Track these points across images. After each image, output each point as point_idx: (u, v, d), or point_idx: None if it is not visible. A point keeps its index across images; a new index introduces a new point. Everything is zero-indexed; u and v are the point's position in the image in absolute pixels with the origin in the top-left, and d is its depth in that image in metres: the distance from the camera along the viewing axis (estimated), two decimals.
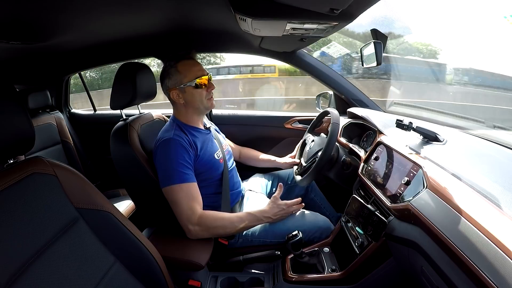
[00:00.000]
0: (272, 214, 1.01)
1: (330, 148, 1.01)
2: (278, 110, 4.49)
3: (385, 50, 1.11)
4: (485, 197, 0.56)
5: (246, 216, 0.99)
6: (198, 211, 0.93)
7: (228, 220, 0.96)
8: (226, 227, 0.95)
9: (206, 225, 0.92)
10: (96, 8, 0.85)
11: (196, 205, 0.93)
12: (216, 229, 0.95)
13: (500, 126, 1.06)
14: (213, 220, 0.94)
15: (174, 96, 1.02)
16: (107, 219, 0.67)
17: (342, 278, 0.90)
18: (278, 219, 1.03)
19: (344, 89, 1.46)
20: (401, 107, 1.79)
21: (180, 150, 0.95)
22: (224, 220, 0.96)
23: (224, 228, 0.95)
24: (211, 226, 0.93)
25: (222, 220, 0.95)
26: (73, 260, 0.59)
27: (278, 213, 1.02)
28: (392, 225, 0.73)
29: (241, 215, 0.99)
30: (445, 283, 0.54)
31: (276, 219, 1.02)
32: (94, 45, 1.39)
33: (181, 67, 1.00)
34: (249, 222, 0.98)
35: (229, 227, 0.95)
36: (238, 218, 0.97)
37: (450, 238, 0.53)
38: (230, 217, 0.97)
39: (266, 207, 1.03)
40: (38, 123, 1.59)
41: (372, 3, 0.72)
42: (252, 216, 0.99)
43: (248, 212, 1.01)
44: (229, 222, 0.96)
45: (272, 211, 1.01)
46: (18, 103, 0.57)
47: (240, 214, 1.00)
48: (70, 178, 0.64)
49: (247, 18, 0.79)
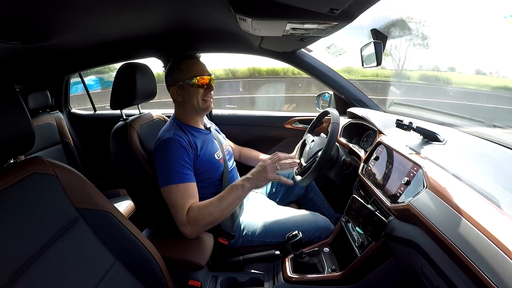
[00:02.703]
0: (250, 173, 0.95)
1: (330, 148, 1.01)
2: (278, 110, 4.49)
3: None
4: (485, 197, 0.56)
5: (224, 191, 0.94)
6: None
7: (210, 204, 0.91)
8: (211, 211, 0.90)
9: (194, 219, 0.89)
10: (96, 8, 0.85)
11: (189, 204, 0.91)
12: (204, 218, 0.90)
13: (500, 126, 1.06)
14: (198, 211, 0.90)
15: (173, 93, 1.04)
16: (107, 219, 0.67)
17: (342, 278, 0.90)
18: (258, 180, 0.93)
19: (344, 89, 1.46)
20: (401, 107, 1.79)
21: (179, 150, 0.95)
22: (207, 206, 0.91)
23: (210, 213, 0.90)
24: (199, 217, 0.89)
25: (205, 206, 0.91)
26: (73, 260, 0.59)
27: (255, 170, 0.95)
28: (392, 225, 0.73)
29: (221, 193, 0.94)
30: (445, 283, 0.54)
31: (257, 181, 0.93)
32: (94, 45, 1.39)
33: (183, 66, 1.02)
34: (228, 194, 0.92)
35: (214, 210, 0.90)
36: (218, 197, 0.93)
37: (450, 238, 0.53)
38: (211, 200, 0.93)
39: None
40: (38, 123, 1.60)
41: (372, 3, 0.72)
42: (229, 187, 0.94)
43: (227, 187, 0.96)
44: (211, 205, 0.91)
45: (251, 171, 0.96)
46: (18, 103, 0.57)
47: (220, 193, 0.94)
48: (70, 178, 0.65)
49: (247, 18, 0.80)
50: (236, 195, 0.93)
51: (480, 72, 2.64)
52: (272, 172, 0.93)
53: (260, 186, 0.94)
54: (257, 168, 0.96)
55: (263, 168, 0.94)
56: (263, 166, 0.95)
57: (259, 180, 0.93)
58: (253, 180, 0.94)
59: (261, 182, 0.94)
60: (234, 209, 0.97)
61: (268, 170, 0.93)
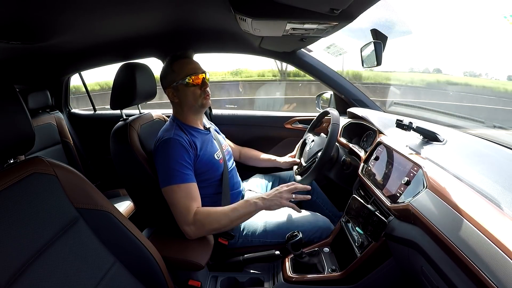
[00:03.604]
0: (266, 195, 0.96)
1: (330, 148, 1.01)
2: (278, 110, 4.50)
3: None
4: (485, 197, 0.56)
5: (238, 203, 0.95)
6: (194, 211, 0.91)
7: (221, 212, 0.93)
8: (220, 220, 0.91)
9: (200, 222, 0.90)
10: (96, 9, 0.85)
11: (193, 205, 0.92)
12: (211, 224, 0.91)
13: (500, 126, 1.06)
14: (207, 215, 0.91)
15: (169, 94, 1.04)
16: (107, 219, 0.67)
17: (342, 278, 0.90)
18: (272, 203, 0.94)
19: (344, 89, 1.46)
20: (401, 107, 1.79)
21: (180, 150, 0.95)
22: (217, 213, 0.92)
23: (218, 221, 0.91)
24: (206, 222, 0.90)
25: (215, 213, 0.92)
26: (73, 260, 0.59)
27: (272, 193, 0.95)
28: (392, 225, 0.73)
29: (234, 204, 0.95)
30: (445, 283, 0.54)
31: (270, 203, 0.94)
32: (94, 46, 1.39)
33: (176, 66, 1.02)
34: (241, 208, 0.93)
35: (223, 219, 0.91)
36: (231, 208, 0.94)
37: (450, 238, 0.53)
38: (223, 209, 0.94)
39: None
40: (38, 123, 1.59)
41: (372, 3, 0.72)
42: (243, 201, 0.95)
43: (241, 200, 0.97)
44: (222, 214, 0.92)
45: (267, 193, 0.96)
46: (18, 103, 0.57)
47: (233, 204, 0.95)
48: (70, 178, 0.65)
49: (247, 18, 0.80)
50: (248, 210, 0.94)
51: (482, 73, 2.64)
52: (286, 200, 0.95)
53: (272, 209, 0.95)
54: (273, 192, 0.96)
55: (280, 194, 0.95)
56: (280, 192, 0.96)
57: (273, 203, 0.94)
58: (268, 202, 0.95)
59: (274, 206, 0.95)
60: (242, 223, 0.99)
61: (284, 196, 0.95)
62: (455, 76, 3.52)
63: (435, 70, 5.17)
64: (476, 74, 2.59)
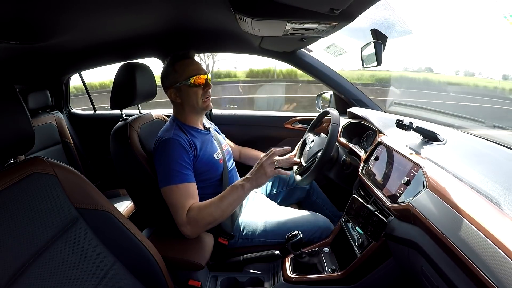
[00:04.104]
0: (249, 174, 0.94)
1: (330, 148, 1.01)
2: (278, 110, 4.51)
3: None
4: (485, 197, 0.56)
5: (225, 191, 0.94)
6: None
7: (211, 204, 0.91)
8: (211, 212, 0.90)
9: (194, 219, 0.89)
10: (96, 9, 0.85)
11: (190, 204, 0.91)
12: (204, 219, 0.90)
13: (500, 126, 1.06)
14: (198, 211, 0.90)
15: (171, 95, 1.04)
16: (107, 219, 0.67)
17: (342, 278, 0.90)
18: (258, 179, 0.92)
19: (344, 89, 1.46)
20: (401, 107, 1.79)
21: (179, 150, 0.95)
22: (207, 206, 0.91)
23: (210, 214, 0.90)
24: (199, 218, 0.89)
25: (205, 207, 0.91)
26: (73, 260, 0.59)
27: (254, 170, 0.94)
28: (392, 225, 0.73)
29: (221, 194, 0.94)
30: (445, 283, 0.54)
31: (257, 179, 0.92)
32: (94, 45, 1.39)
33: (178, 67, 1.01)
34: (228, 194, 0.92)
35: (215, 210, 0.90)
36: (219, 197, 0.93)
37: (450, 238, 0.53)
38: (212, 201, 0.93)
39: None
40: (38, 123, 1.60)
41: (372, 3, 0.72)
42: (230, 187, 0.94)
43: (228, 187, 0.96)
44: (212, 205, 0.91)
45: (250, 172, 0.94)
46: (18, 103, 0.57)
47: (220, 194, 0.94)
48: (70, 178, 0.65)
49: (247, 18, 0.80)
50: (237, 195, 0.92)
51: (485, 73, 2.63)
52: (269, 167, 0.92)
53: (261, 183, 0.93)
54: (255, 167, 0.95)
55: (261, 165, 0.93)
56: (260, 163, 0.94)
57: (258, 178, 0.92)
58: (253, 179, 0.93)
59: (261, 179, 0.92)
60: (234, 209, 0.96)
61: (266, 166, 0.92)
62: (455, 76, 3.52)
63: (433, 69, 5.17)
64: (476, 74, 2.59)
